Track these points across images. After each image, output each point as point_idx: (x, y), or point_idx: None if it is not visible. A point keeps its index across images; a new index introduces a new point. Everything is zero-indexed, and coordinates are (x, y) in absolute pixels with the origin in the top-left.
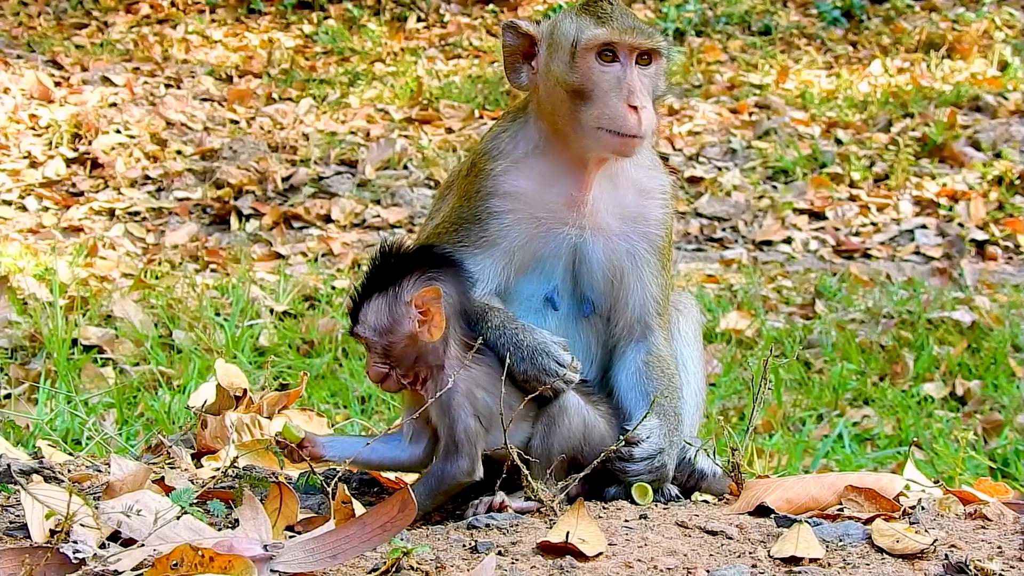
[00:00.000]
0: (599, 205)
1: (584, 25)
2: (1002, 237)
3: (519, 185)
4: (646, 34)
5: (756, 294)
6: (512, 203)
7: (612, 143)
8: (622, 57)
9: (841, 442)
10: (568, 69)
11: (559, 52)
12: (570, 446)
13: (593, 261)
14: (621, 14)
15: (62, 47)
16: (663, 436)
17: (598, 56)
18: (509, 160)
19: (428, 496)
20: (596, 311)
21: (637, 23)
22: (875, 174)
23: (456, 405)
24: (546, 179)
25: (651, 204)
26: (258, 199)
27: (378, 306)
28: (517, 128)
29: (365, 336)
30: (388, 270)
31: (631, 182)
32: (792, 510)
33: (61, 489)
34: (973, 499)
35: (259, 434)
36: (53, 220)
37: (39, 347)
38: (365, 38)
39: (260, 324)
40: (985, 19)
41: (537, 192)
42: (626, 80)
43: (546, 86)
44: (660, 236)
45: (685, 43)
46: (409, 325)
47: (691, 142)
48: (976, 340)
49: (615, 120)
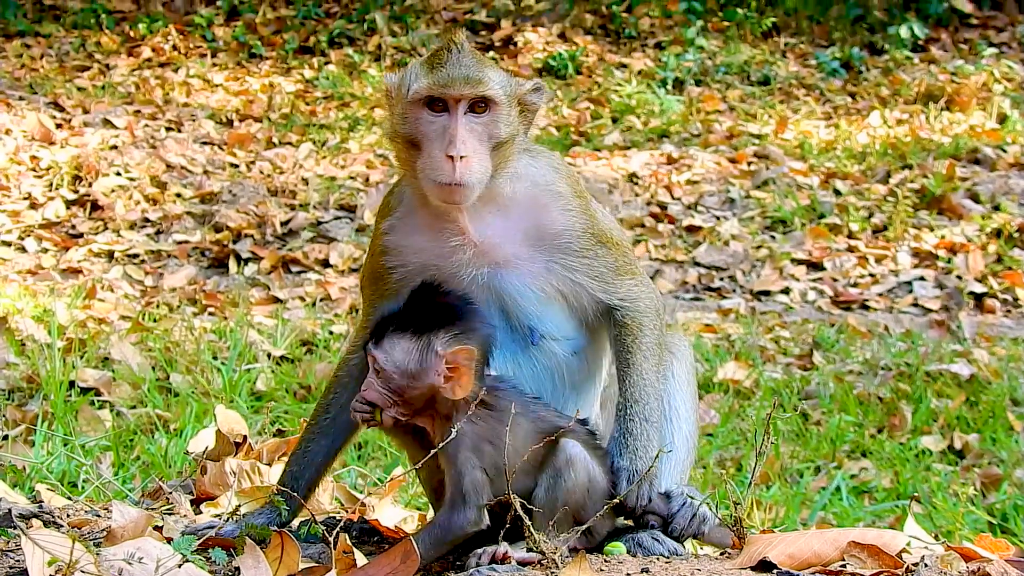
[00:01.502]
0: (493, 239)
1: (416, 75)
2: (1001, 290)
3: (404, 241)
4: (472, 83)
5: (754, 344)
6: (402, 257)
7: (437, 192)
8: (450, 107)
9: (839, 494)
10: (402, 120)
11: (398, 103)
12: (574, 500)
13: (513, 291)
14: (455, 63)
15: (64, 89)
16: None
17: (428, 107)
18: (395, 216)
19: (433, 546)
20: (545, 336)
21: (469, 71)
22: (873, 225)
23: (463, 459)
24: (428, 229)
25: (550, 216)
26: (257, 243)
27: (408, 348)
28: (403, 181)
29: (384, 367)
30: (425, 310)
31: (525, 203)
32: (795, 565)
33: (61, 535)
34: (975, 556)
35: (259, 481)
36: (52, 261)
37: (36, 389)
38: (365, 83)
39: (257, 368)
40: (984, 72)
41: (423, 243)
42: (449, 130)
43: (391, 136)
44: (573, 242)
45: (684, 92)
46: (435, 378)
47: (689, 191)
48: (974, 393)
49: (435, 171)
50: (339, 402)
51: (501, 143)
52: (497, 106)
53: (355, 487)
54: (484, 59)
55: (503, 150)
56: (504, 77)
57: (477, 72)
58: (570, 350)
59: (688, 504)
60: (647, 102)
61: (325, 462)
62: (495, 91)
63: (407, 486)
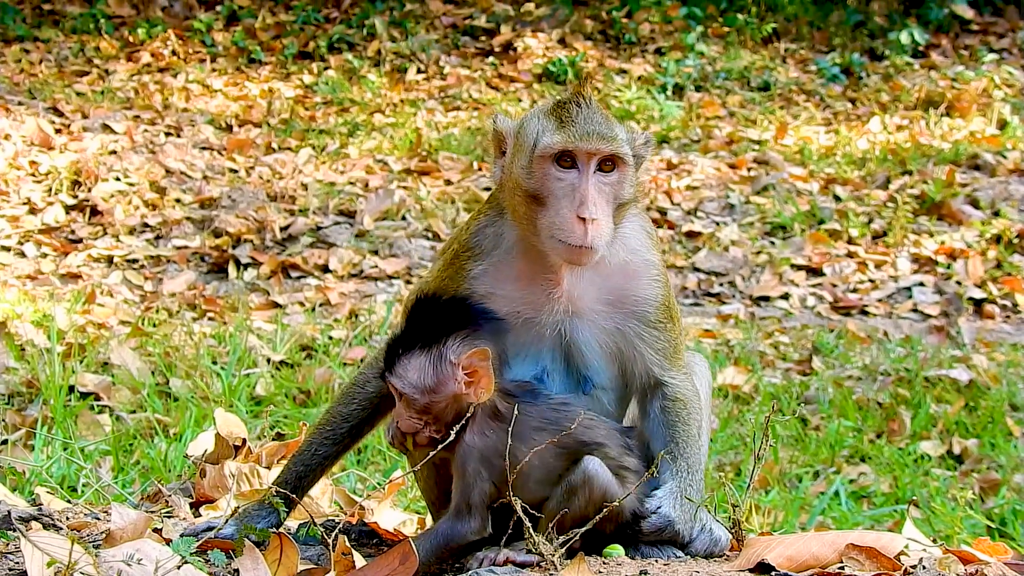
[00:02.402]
0: (580, 292)
1: (544, 129)
2: (1000, 296)
3: (495, 287)
4: (607, 139)
5: (753, 350)
6: (491, 303)
7: (562, 252)
8: (580, 164)
9: (838, 499)
10: (526, 173)
11: (520, 154)
12: (583, 515)
13: (581, 342)
14: (585, 119)
15: (63, 94)
16: (673, 504)
17: (556, 162)
18: (488, 262)
19: (433, 552)
20: (596, 386)
21: (601, 128)
22: (873, 231)
23: (472, 471)
24: (522, 278)
25: (638, 284)
26: (256, 248)
27: (421, 364)
28: (498, 224)
29: (403, 391)
30: (427, 324)
31: (617, 266)
32: (793, 568)
33: (61, 537)
34: (973, 559)
35: (258, 484)
36: (51, 267)
37: (36, 393)
38: (365, 89)
39: (257, 373)
40: (984, 77)
41: (513, 291)
42: (580, 189)
43: (509, 187)
44: (651, 311)
45: (684, 98)
46: (455, 387)
47: (689, 197)
48: (973, 398)
49: (564, 231)
50: (360, 415)
51: (624, 204)
52: (625, 166)
53: (354, 491)
54: (609, 115)
55: (623, 211)
56: (627, 134)
57: (609, 129)
58: (615, 399)
59: (706, 529)
60: (647, 108)
61: (328, 467)
62: (625, 150)
63: (406, 490)
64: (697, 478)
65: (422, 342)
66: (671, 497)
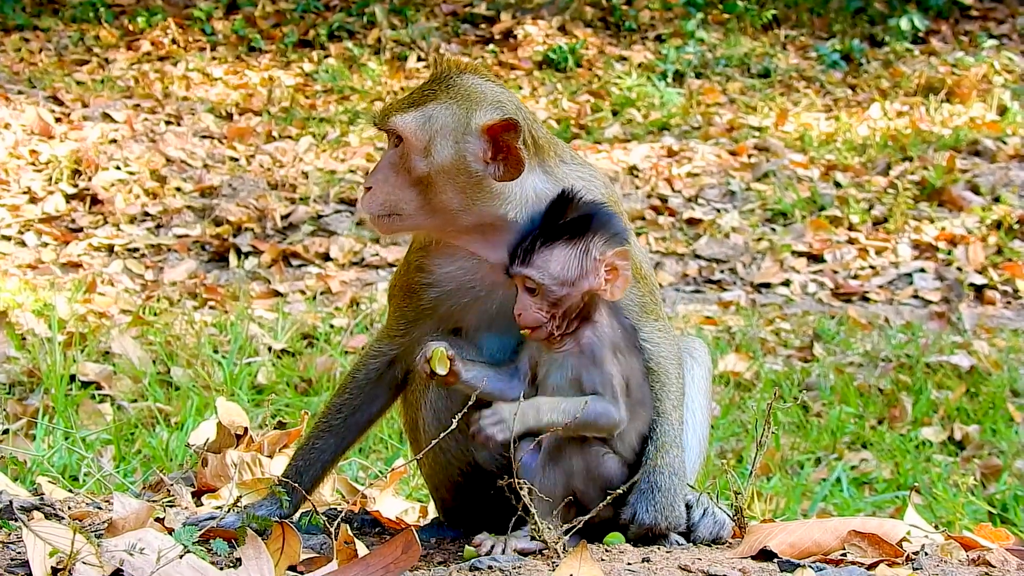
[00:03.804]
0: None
1: None
2: (1001, 282)
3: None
4: (382, 117)
5: (754, 336)
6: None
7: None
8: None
9: (839, 486)
10: None
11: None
12: (572, 486)
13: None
14: (399, 97)
15: (63, 83)
16: (647, 507)
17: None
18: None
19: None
20: None
21: (390, 107)
22: (874, 217)
23: (609, 359)
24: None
25: None
26: (257, 237)
27: (566, 256)
28: None
29: (542, 282)
30: (568, 220)
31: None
32: (795, 554)
33: (63, 526)
34: (975, 545)
35: (260, 473)
36: (52, 256)
37: (37, 383)
38: (365, 77)
39: (258, 362)
40: (984, 63)
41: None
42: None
43: None
44: None
45: (684, 85)
46: (595, 282)
47: (690, 184)
48: (975, 385)
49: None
50: (353, 403)
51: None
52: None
53: (356, 479)
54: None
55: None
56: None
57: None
58: None
59: (708, 513)
60: (647, 95)
61: (332, 460)
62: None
63: (408, 478)
64: (672, 455)
65: (567, 235)
66: (643, 500)
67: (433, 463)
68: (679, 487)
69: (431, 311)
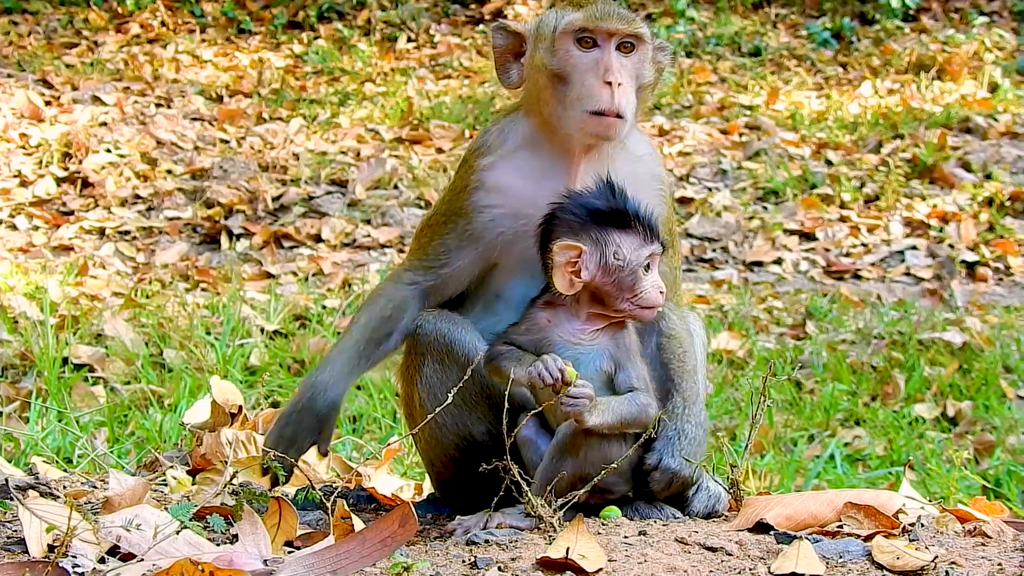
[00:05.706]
0: None
1: (564, 13)
2: (992, 258)
3: (506, 180)
4: (625, 20)
5: (747, 315)
6: (498, 198)
7: (591, 124)
8: (601, 42)
9: (833, 463)
10: (550, 55)
11: (543, 42)
12: (583, 472)
13: None
14: (602, 3)
15: (52, 66)
16: (673, 452)
17: (577, 42)
18: (497, 155)
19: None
20: None
21: (617, 10)
22: (865, 195)
23: (638, 352)
24: (535, 173)
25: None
26: (248, 219)
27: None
28: (507, 123)
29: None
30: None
31: (623, 176)
32: (792, 527)
33: (58, 504)
34: (970, 518)
35: (255, 451)
36: (43, 239)
37: (30, 365)
38: (355, 58)
39: (251, 343)
40: (975, 40)
41: (525, 187)
42: (603, 61)
43: (531, 77)
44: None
45: (675, 64)
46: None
47: (681, 163)
48: (967, 361)
49: (591, 98)
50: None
51: (643, 86)
52: (645, 46)
53: (350, 458)
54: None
55: (641, 95)
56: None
57: (624, 11)
58: None
59: (703, 487)
60: None
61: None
62: (644, 31)
63: (402, 456)
64: (696, 409)
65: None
66: (670, 446)
67: (429, 437)
68: (703, 440)
69: (477, 238)
